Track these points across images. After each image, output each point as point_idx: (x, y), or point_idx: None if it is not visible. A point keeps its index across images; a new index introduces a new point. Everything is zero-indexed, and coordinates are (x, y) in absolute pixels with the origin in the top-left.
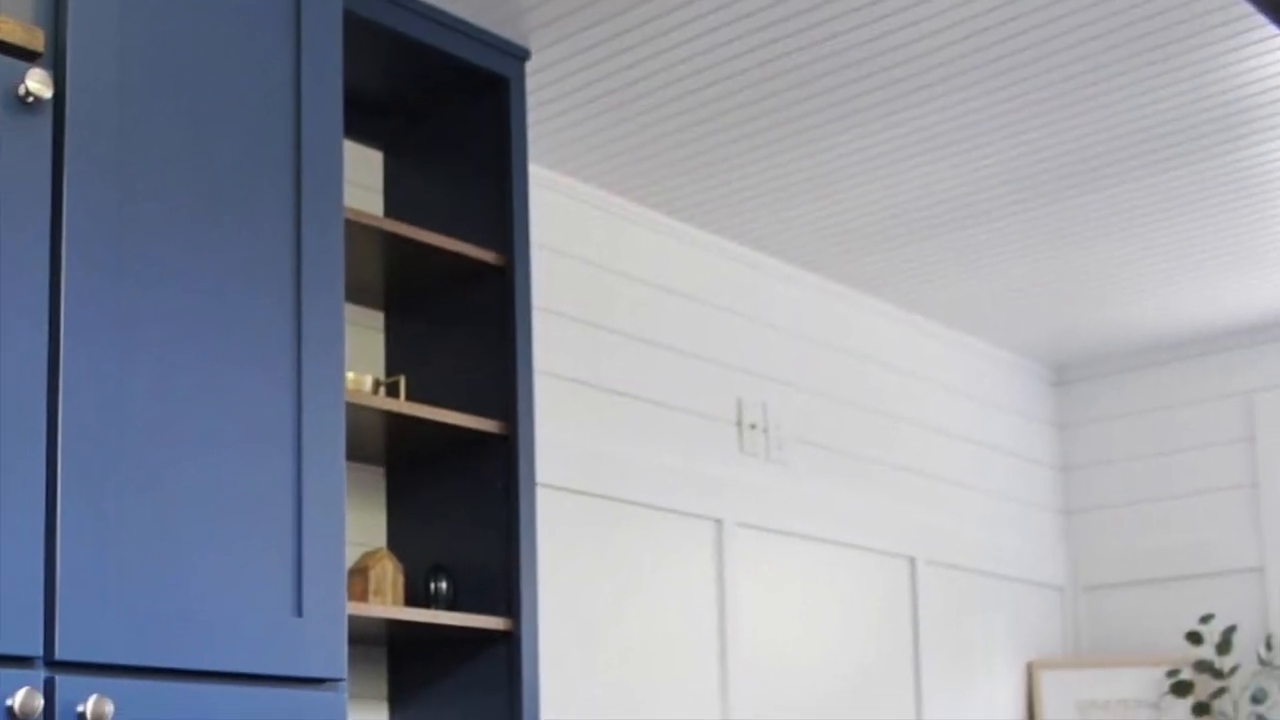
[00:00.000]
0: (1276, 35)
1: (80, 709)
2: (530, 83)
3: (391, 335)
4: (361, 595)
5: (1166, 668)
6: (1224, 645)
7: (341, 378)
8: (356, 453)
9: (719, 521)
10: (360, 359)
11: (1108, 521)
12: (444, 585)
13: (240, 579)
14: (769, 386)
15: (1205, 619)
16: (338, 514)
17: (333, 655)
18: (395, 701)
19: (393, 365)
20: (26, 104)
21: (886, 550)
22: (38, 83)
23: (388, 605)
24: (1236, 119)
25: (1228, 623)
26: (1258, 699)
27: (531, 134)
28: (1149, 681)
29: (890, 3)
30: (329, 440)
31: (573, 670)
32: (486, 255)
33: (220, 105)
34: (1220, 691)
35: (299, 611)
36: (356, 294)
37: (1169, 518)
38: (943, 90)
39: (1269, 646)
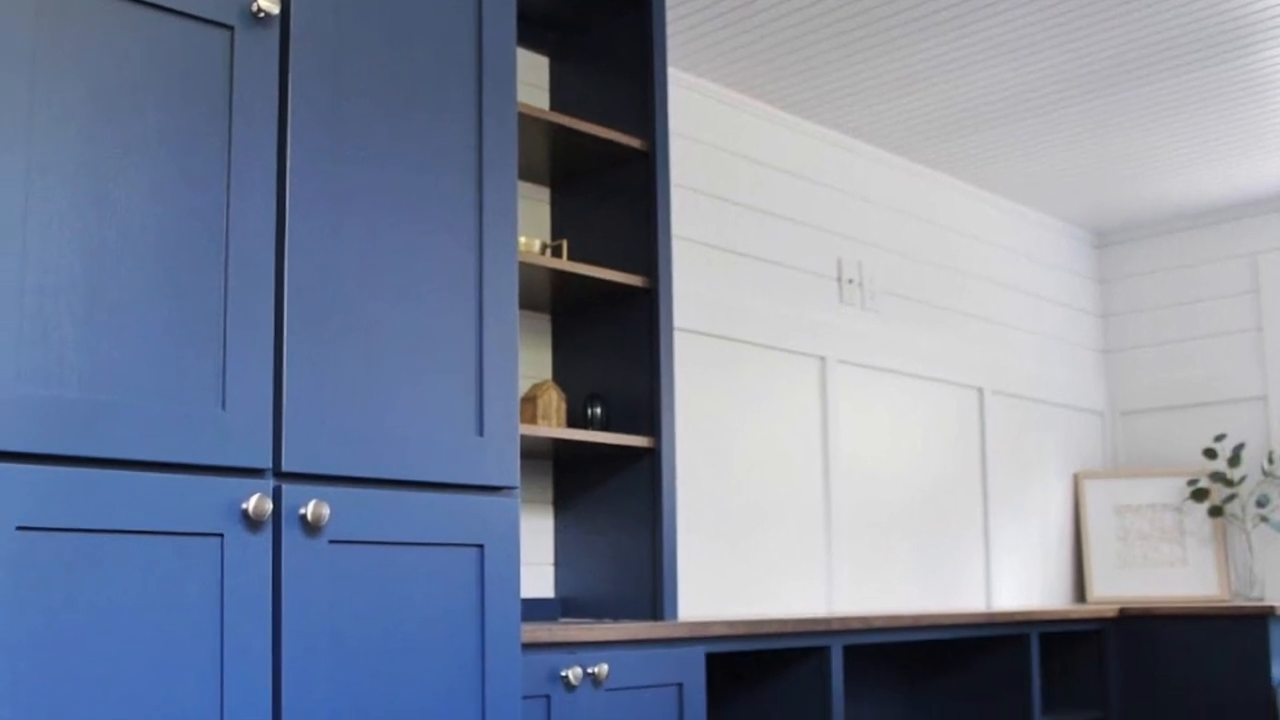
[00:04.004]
0: None
1: (302, 511)
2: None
3: (556, 207)
4: (531, 419)
5: (1187, 478)
6: (1234, 459)
7: (515, 241)
8: (527, 302)
9: (822, 359)
10: (530, 226)
11: (1139, 358)
12: (599, 411)
13: (432, 405)
14: (863, 249)
15: (1219, 438)
16: (512, 352)
17: (508, 467)
18: (559, 505)
19: (557, 231)
20: (258, 19)
21: (958, 382)
22: (268, 0)
23: (553, 427)
24: (1246, 29)
25: (1237, 441)
26: (1261, 503)
27: (670, 43)
28: (1173, 489)
29: None
30: (505, 292)
31: (703, 480)
32: (633, 142)
33: (416, 18)
34: (1231, 497)
35: (480, 432)
36: (527, 173)
37: (1189, 355)
38: (1005, 5)
39: (1270, 460)
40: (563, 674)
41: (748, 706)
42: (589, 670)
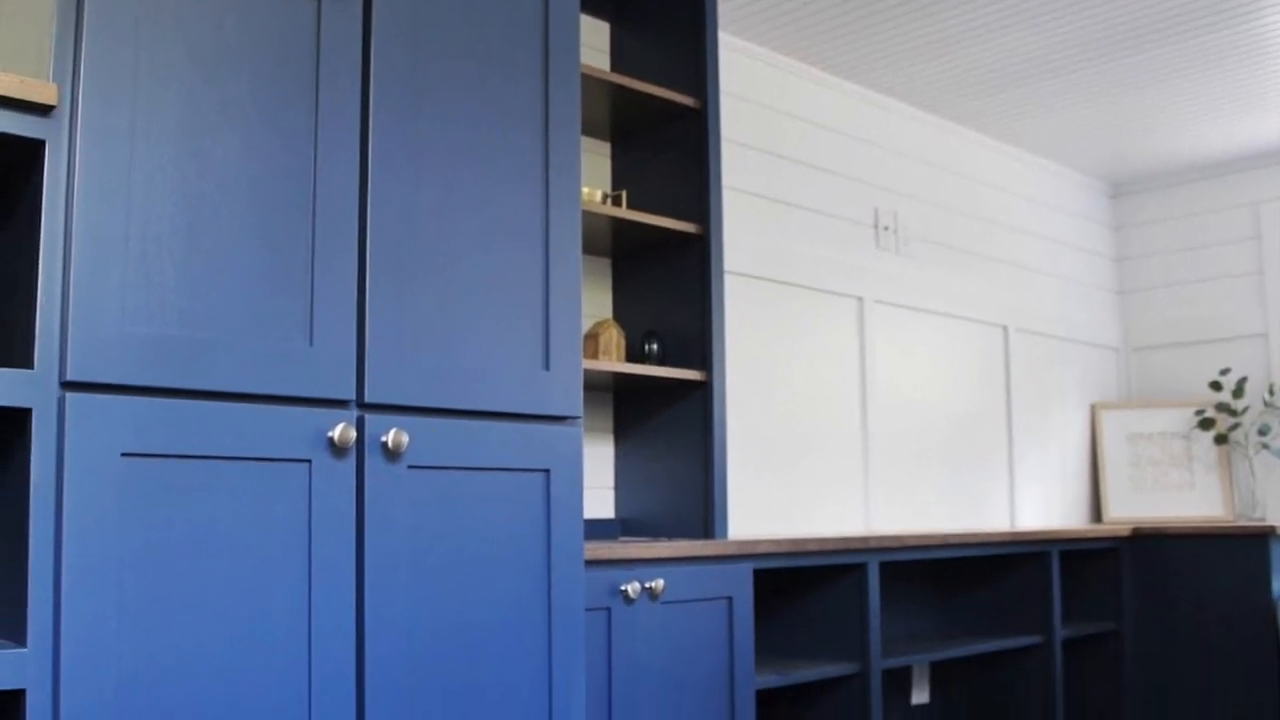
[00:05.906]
0: None
1: (384, 439)
2: None
3: (616, 160)
4: (593, 354)
5: (1195, 408)
6: (1238, 392)
7: (579, 192)
8: (590, 247)
9: (860, 299)
10: (592, 177)
11: (1151, 299)
12: (655, 347)
13: (503, 342)
14: (898, 199)
15: (1224, 372)
16: (575, 293)
17: (572, 399)
18: (618, 434)
19: (617, 182)
20: None
21: (985, 321)
22: None
23: (613, 361)
24: None
25: (1241, 375)
26: (1263, 432)
27: (720, 9)
28: (1182, 419)
29: None
30: (569, 238)
31: (751, 410)
32: (687, 100)
33: None
34: (1235, 426)
35: (547, 366)
36: (590, 129)
37: (1197, 296)
38: None
39: (1271, 393)
40: (622, 588)
41: (791, 619)
42: (646, 585)
